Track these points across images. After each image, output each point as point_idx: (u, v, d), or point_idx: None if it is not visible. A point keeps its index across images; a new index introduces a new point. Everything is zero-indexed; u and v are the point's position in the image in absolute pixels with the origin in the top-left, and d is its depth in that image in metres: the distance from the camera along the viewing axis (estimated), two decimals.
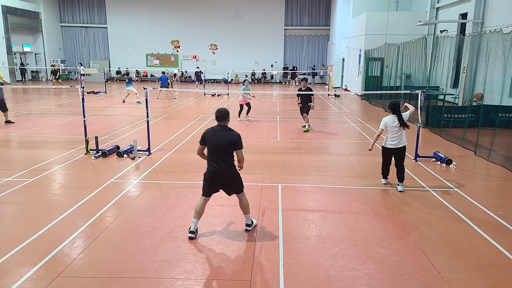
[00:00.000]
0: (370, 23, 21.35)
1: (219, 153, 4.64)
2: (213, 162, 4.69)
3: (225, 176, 4.73)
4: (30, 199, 5.99)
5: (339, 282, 3.85)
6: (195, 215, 4.81)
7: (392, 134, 6.41)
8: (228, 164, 4.69)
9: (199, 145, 4.81)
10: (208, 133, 4.72)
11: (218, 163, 4.65)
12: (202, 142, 4.77)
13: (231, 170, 4.74)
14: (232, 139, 4.64)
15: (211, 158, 4.71)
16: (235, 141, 4.65)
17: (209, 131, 4.75)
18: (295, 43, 34.10)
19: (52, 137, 10.52)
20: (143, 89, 8.73)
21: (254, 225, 5.11)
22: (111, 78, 33.88)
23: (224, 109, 4.78)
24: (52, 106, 17.02)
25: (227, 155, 4.66)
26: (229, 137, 4.65)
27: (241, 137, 4.74)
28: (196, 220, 4.80)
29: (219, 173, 4.69)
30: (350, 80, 25.43)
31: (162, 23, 33.52)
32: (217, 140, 4.64)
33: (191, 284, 3.80)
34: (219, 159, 4.65)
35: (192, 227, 4.77)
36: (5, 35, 27.55)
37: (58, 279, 3.85)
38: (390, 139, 6.46)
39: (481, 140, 9.16)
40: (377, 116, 15.07)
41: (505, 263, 4.24)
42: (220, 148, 4.62)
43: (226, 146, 4.62)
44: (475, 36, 12.20)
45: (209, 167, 4.74)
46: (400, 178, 6.49)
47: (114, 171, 7.46)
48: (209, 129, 4.77)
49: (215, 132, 4.71)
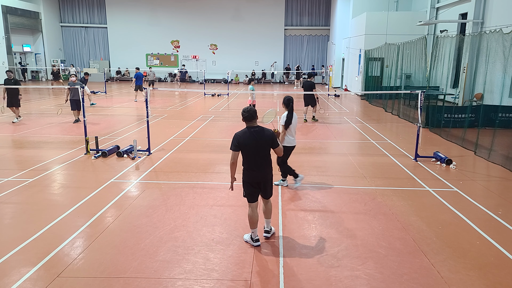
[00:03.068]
0: (370, 23, 21.35)
1: (258, 155, 4.45)
2: (253, 166, 4.47)
3: (266, 179, 4.56)
4: (30, 199, 5.99)
5: (339, 282, 3.85)
6: (251, 226, 4.57)
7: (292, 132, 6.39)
8: (268, 166, 4.55)
9: (233, 152, 4.41)
10: (241, 137, 4.40)
11: (259, 166, 4.47)
12: (235, 148, 4.40)
13: (270, 172, 4.60)
14: (267, 138, 4.45)
15: (249, 161, 4.47)
16: (271, 139, 4.47)
17: (240, 134, 4.43)
18: (295, 43, 34.11)
19: (52, 137, 10.52)
20: (143, 89, 8.72)
21: (273, 233, 4.87)
22: (111, 78, 33.87)
23: (251, 108, 4.46)
24: (52, 106, 17.02)
25: (266, 156, 4.51)
26: (265, 137, 4.45)
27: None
28: (255, 230, 4.59)
29: (261, 177, 4.52)
30: (350, 80, 25.43)
31: (162, 23, 33.52)
32: (252, 142, 4.39)
33: (191, 284, 3.80)
34: (259, 161, 4.47)
35: (253, 236, 4.59)
36: (5, 35, 27.54)
37: (58, 279, 3.85)
38: (291, 137, 6.41)
39: (481, 140, 9.15)
40: (377, 116, 15.07)
41: (505, 263, 4.24)
42: (259, 149, 4.43)
43: (264, 146, 4.45)
44: (475, 36, 12.20)
45: (249, 172, 4.49)
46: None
47: (114, 171, 7.46)
48: (240, 133, 4.44)
49: (248, 134, 4.41)
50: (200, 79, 32.85)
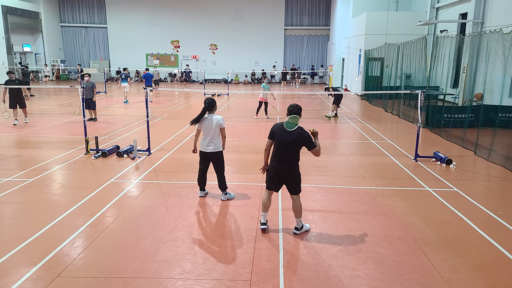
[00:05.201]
0: (370, 23, 21.35)
1: (285, 151, 4.55)
2: (277, 160, 4.61)
3: (287, 175, 4.67)
4: (30, 199, 5.98)
5: (339, 282, 3.85)
6: (263, 209, 4.86)
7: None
8: (292, 163, 4.61)
9: (268, 140, 4.74)
10: (276, 128, 4.62)
11: (282, 161, 4.59)
12: (270, 136, 4.70)
13: (293, 170, 4.66)
14: (298, 137, 4.50)
15: (275, 155, 4.63)
16: (303, 140, 4.50)
17: (277, 126, 4.64)
18: (295, 43, 34.12)
19: (52, 137, 10.52)
20: (143, 89, 8.73)
21: (306, 230, 4.91)
22: (111, 78, 33.87)
23: (297, 105, 4.64)
24: (52, 106, 17.02)
25: (293, 153, 4.56)
26: (295, 134, 4.50)
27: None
28: (265, 214, 4.85)
29: (282, 171, 4.64)
30: (350, 80, 25.42)
31: (162, 23, 33.52)
32: (284, 136, 4.53)
33: (191, 284, 3.80)
34: (284, 157, 4.57)
35: (262, 219, 4.85)
36: (5, 35, 27.54)
37: (58, 279, 3.85)
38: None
39: (481, 140, 9.15)
40: (377, 116, 15.07)
41: (505, 263, 4.24)
42: (287, 145, 4.52)
43: (292, 143, 4.51)
44: (475, 36, 12.20)
45: (273, 164, 4.67)
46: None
47: (114, 171, 7.46)
48: (278, 124, 4.67)
49: (282, 128, 4.57)
50: (200, 79, 32.85)
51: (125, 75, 18.89)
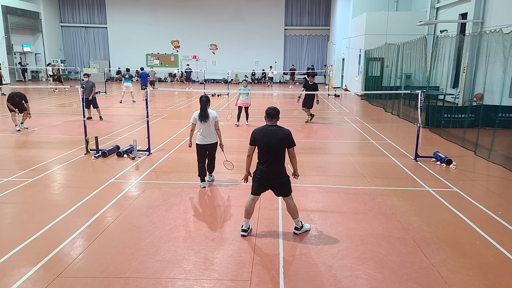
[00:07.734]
0: (370, 23, 21.35)
1: (271, 153, 4.54)
2: (264, 163, 4.59)
3: (276, 177, 4.65)
4: (30, 199, 5.99)
5: (339, 282, 3.85)
6: (245, 215, 4.76)
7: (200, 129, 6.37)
8: (279, 165, 4.61)
9: (249, 146, 4.69)
10: (258, 133, 4.61)
11: (271, 163, 4.56)
12: (251, 142, 4.66)
13: (282, 171, 4.65)
14: (283, 137, 4.53)
15: (263, 159, 4.60)
16: (287, 138, 4.54)
17: (258, 130, 4.63)
18: (295, 43, 34.10)
19: (52, 137, 10.52)
20: (143, 89, 8.72)
21: (306, 230, 4.91)
22: (111, 78, 33.87)
23: (275, 107, 4.68)
24: (52, 106, 17.03)
25: (278, 154, 4.56)
26: (280, 135, 4.54)
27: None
28: (246, 220, 4.76)
29: (272, 173, 4.62)
30: (350, 80, 25.43)
31: (162, 23, 33.51)
32: (267, 139, 4.53)
33: (191, 284, 3.80)
34: (272, 159, 4.55)
35: (244, 226, 4.78)
36: (5, 35, 27.54)
37: (58, 279, 3.85)
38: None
39: (481, 140, 9.15)
40: (377, 116, 15.07)
41: (505, 263, 4.24)
42: (272, 147, 4.52)
43: (277, 144, 4.52)
44: (475, 36, 12.20)
45: (260, 168, 4.63)
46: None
47: (114, 171, 7.46)
48: (258, 129, 4.66)
49: (264, 131, 4.59)
50: (200, 79, 32.85)
51: (129, 75, 18.98)
